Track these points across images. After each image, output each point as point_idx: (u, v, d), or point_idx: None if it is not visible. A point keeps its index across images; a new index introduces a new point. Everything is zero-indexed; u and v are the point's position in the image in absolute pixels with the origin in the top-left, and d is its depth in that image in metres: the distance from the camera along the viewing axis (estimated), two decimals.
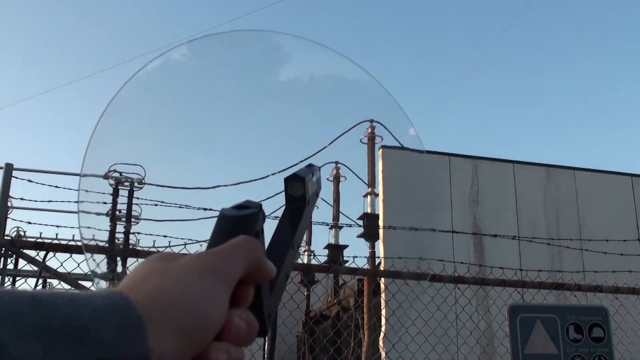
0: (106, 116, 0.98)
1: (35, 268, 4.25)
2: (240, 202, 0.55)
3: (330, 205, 12.48)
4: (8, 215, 4.32)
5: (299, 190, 0.65)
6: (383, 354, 5.81)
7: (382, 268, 6.44)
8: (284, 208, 0.66)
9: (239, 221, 0.52)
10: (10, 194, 4.33)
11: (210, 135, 1.24)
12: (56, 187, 5.70)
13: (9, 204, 4.39)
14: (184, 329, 0.44)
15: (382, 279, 5.79)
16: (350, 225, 10.97)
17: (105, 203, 7.64)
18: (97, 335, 0.39)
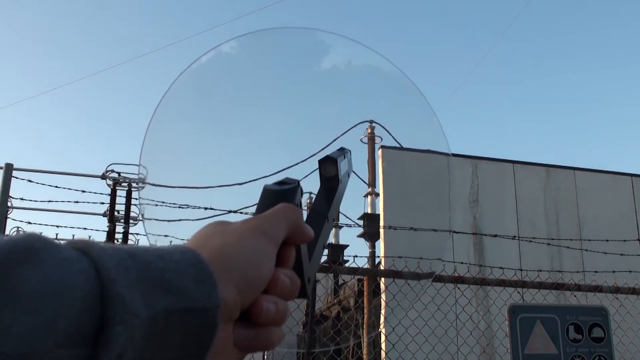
0: (162, 106, 1.03)
1: None
2: (282, 179, 0.62)
3: None
4: (8, 215, 4.32)
5: (332, 171, 0.73)
6: (383, 337, 5.81)
7: (382, 267, 6.45)
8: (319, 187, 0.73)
9: (280, 194, 0.60)
10: (10, 194, 4.33)
11: (249, 123, 1.28)
12: (56, 187, 5.69)
13: (9, 204, 4.40)
14: (242, 280, 0.50)
15: (382, 279, 5.80)
16: (350, 225, 10.97)
17: (102, 203, 7.63)
18: (182, 286, 0.44)
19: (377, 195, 8.27)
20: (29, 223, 5.23)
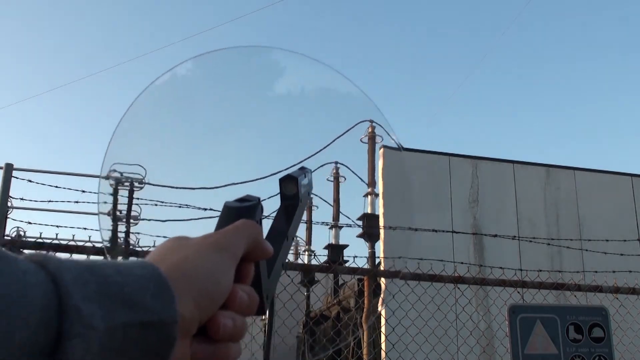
0: (123, 123, 1.05)
1: None
2: (242, 196, 0.63)
3: (331, 205, 12.49)
4: (8, 216, 4.32)
5: (292, 189, 0.73)
6: (383, 337, 5.81)
7: (382, 268, 6.45)
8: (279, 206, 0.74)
9: (240, 211, 0.61)
10: (10, 194, 4.33)
11: (215, 140, 1.30)
12: (56, 187, 5.69)
13: (9, 204, 4.40)
14: (200, 295, 0.50)
15: (382, 279, 5.79)
16: (350, 226, 10.97)
17: (105, 203, 7.63)
18: (140, 300, 0.45)
19: (377, 195, 8.27)
20: (29, 223, 5.23)
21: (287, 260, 0.71)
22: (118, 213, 8.32)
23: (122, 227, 8.30)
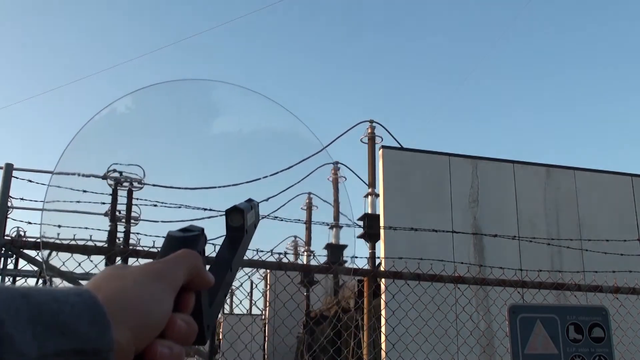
0: (67, 152, 1.08)
1: (36, 268, 4.25)
2: (186, 227, 0.64)
3: (331, 205, 12.48)
4: (8, 216, 4.32)
5: (239, 221, 0.73)
6: (383, 337, 5.81)
7: (382, 268, 6.44)
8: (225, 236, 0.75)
9: (183, 240, 0.61)
10: (10, 194, 4.33)
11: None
12: (57, 187, 5.68)
13: (9, 204, 4.39)
14: (137, 323, 0.51)
15: (383, 280, 5.79)
16: (350, 226, 10.97)
17: (103, 203, 7.63)
18: (75, 328, 0.45)
19: (377, 195, 8.27)
20: (29, 223, 5.23)
21: (229, 291, 0.73)
22: (117, 213, 8.32)
23: (121, 227, 8.28)
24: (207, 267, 0.65)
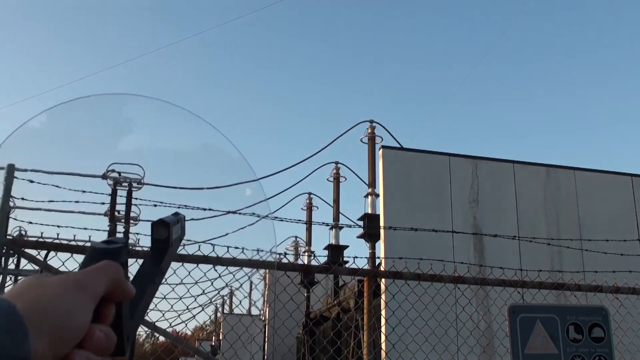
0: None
1: (37, 267, 4.26)
2: (110, 238, 0.65)
3: (331, 205, 12.48)
4: (10, 215, 4.32)
5: (164, 234, 0.73)
6: (383, 337, 5.81)
7: (382, 268, 6.44)
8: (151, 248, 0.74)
9: (105, 252, 0.61)
10: (12, 193, 4.33)
11: None
12: (57, 187, 5.70)
13: (11, 204, 4.40)
14: (55, 333, 0.51)
15: (383, 280, 5.79)
16: (350, 226, 10.97)
17: (103, 203, 7.63)
18: None
19: (377, 195, 8.26)
20: (30, 223, 5.24)
21: (151, 305, 0.73)
22: (117, 213, 8.32)
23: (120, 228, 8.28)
24: (131, 278, 0.65)
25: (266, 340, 13.44)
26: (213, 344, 23.58)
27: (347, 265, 10.27)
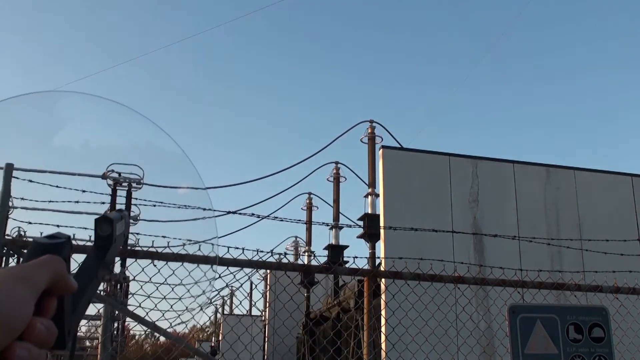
0: None
1: None
2: (53, 233, 0.65)
3: (331, 205, 12.48)
4: (9, 216, 4.32)
5: (107, 230, 0.74)
6: (383, 337, 5.80)
7: (382, 268, 6.44)
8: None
9: (48, 247, 0.62)
10: (11, 193, 4.33)
11: None
12: (57, 187, 5.70)
13: (11, 204, 4.40)
14: None
15: (383, 280, 5.79)
16: (350, 226, 10.97)
17: (103, 203, 7.63)
18: None
19: (377, 195, 8.26)
20: (29, 223, 5.23)
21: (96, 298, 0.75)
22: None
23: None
24: (73, 273, 0.66)
25: (266, 340, 13.44)
26: (212, 344, 23.58)
27: (347, 265, 10.27)
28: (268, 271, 12.58)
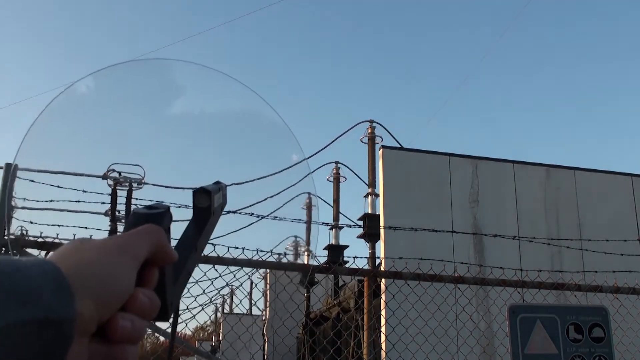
0: (28, 138, 1.07)
1: None
2: (151, 204, 0.65)
3: (331, 205, 12.48)
4: (12, 215, 4.34)
5: (205, 202, 0.73)
6: (383, 337, 5.81)
7: (382, 268, 6.45)
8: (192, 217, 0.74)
9: (148, 218, 0.61)
10: (13, 193, 4.34)
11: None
12: (58, 187, 5.70)
13: (13, 204, 4.41)
14: (100, 296, 0.51)
15: (383, 280, 5.79)
16: (350, 226, 10.97)
17: (104, 203, 7.64)
18: (38, 298, 0.45)
19: (377, 195, 8.27)
20: (31, 223, 5.23)
21: (193, 271, 0.72)
22: (117, 213, 8.32)
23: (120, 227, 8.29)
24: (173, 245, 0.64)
25: (266, 340, 13.44)
26: (213, 344, 23.59)
27: (347, 265, 10.27)
28: (268, 270, 12.59)
